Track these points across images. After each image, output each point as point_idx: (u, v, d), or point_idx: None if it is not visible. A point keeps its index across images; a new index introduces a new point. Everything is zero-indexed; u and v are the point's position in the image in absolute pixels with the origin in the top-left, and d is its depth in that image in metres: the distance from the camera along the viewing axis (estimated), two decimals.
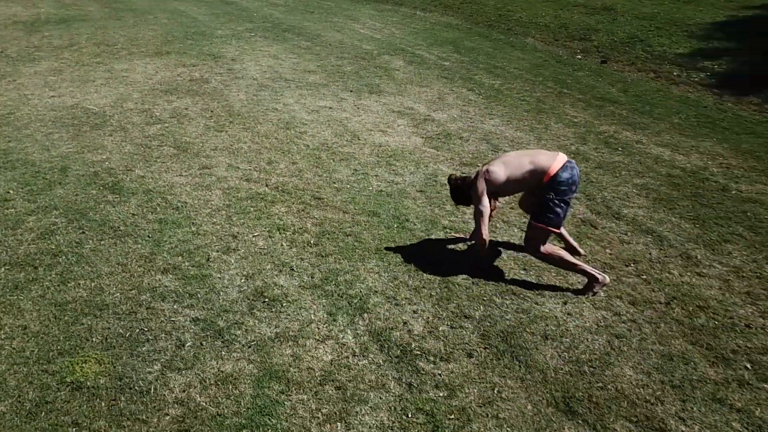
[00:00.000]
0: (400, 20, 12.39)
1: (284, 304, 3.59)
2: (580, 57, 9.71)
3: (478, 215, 3.83)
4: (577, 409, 2.90)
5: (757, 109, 7.44)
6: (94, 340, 3.27)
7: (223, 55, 9.27)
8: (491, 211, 3.92)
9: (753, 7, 10.44)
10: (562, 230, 3.97)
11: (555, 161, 3.65)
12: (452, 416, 2.84)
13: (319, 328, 3.41)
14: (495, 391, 3.00)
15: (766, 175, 5.56)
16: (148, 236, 4.26)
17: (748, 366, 3.22)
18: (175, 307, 3.55)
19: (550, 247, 3.78)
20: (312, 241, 4.27)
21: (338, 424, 2.79)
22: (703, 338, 3.43)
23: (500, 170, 3.76)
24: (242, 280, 3.81)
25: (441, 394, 2.97)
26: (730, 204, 4.98)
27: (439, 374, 3.10)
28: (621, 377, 3.12)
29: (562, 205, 3.65)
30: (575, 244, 4.19)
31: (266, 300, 3.62)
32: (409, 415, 2.84)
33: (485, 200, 3.79)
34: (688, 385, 3.08)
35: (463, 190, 4.02)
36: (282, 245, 4.21)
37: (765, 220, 4.73)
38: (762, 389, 3.06)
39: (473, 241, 4.26)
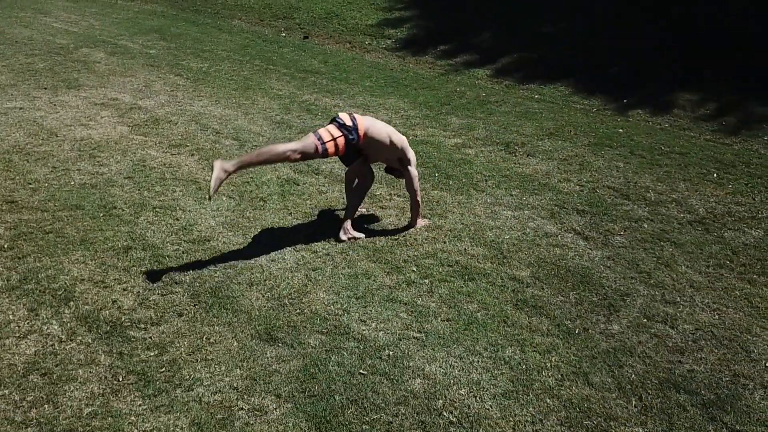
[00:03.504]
0: (100, 11, 11.71)
1: None
2: (284, 35, 10.28)
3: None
4: (277, 335, 3.33)
5: (431, 67, 8.74)
6: None
7: None
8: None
9: None
10: None
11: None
12: (163, 369, 3.06)
13: (19, 326, 3.34)
14: (204, 339, 3.29)
15: (436, 120, 6.66)
16: None
17: (414, 269, 3.97)
18: None
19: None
20: (6, 246, 4.06)
21: (45, 406, 2.82)
22: (382, 256, 4.12)
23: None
24: None
25: (152, 354, 3.17)
26: None
27: (150, 337, 3.29)
28: (315, 301, 3.64)
29: None
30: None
31: None
32: (120, 379, 2.99)
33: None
34: (369, 294, 3.72)
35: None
36: None
37: (433, 156, 5.71)
38: (423, 284, 3.83)
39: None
